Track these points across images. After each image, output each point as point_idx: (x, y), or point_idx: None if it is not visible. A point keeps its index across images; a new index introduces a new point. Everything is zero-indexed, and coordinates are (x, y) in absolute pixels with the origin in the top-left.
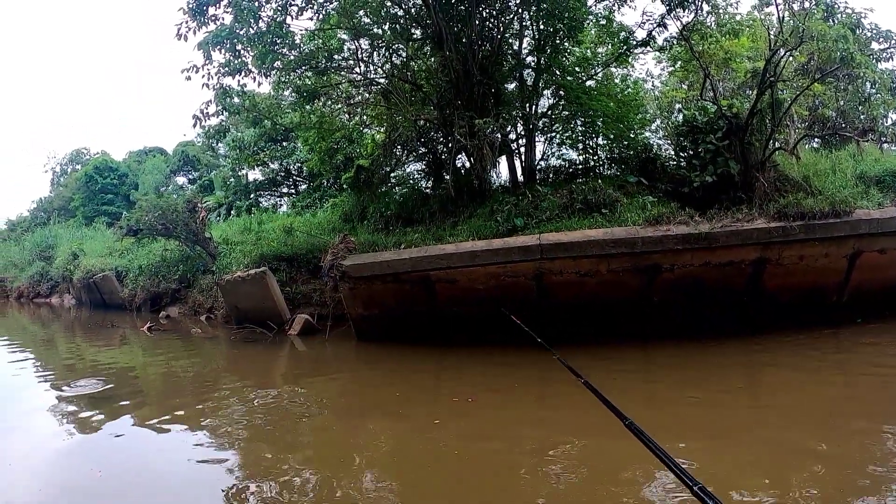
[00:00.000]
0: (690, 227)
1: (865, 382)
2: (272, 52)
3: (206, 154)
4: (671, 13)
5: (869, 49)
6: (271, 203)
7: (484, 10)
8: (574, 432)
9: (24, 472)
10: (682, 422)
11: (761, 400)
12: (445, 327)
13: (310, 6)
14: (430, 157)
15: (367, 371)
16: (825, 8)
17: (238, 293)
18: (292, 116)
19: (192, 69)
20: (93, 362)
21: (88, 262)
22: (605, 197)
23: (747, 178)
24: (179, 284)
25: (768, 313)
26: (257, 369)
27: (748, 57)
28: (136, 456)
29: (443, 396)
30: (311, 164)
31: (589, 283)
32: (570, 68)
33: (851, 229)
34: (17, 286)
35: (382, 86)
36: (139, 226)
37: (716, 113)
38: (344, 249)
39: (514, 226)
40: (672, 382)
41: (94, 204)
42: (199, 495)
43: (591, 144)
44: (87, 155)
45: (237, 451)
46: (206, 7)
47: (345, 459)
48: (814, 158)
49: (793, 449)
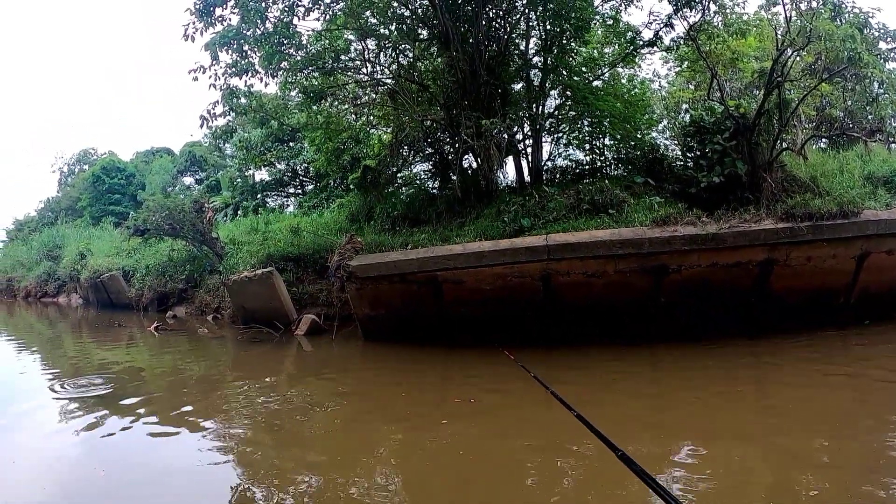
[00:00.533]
0: (698, 227)
1: (873, 385)
2: (279, 53)
3: (213, 154)
4: (678, 13)
5: (877, 49)
6: (278, 203)
7: (490, 10)
8: (581, 433)
9: (27, 471)
10: (689, 423)
11: (768, 402)
12: (452, 328)
13: (316, 7)
14: (437, 157)
15: (373, 371)
16: (832, 8)
17: (245, 293)
18: (299, 117)
19: (199, 70)
20: (100, 361)
21: (96, 261)
22: (612, 197)
23: (755, 179)
24: (186, 284)
25: (775, 315)
26: (264, 369)
27: (755, 57)
28: (140, 455)
29: (449, 397)
30: (317, 164)
31: (596, 283)
32: (576, 68)
33: (859, 230)
34: (24, 285)
35: (389, 86)
36: (146, 226)
37: (723, 113)
38: (351, 250)
39: (520, 226)
40: (679, 384)
41: (102, 204)
42: (204, 495)
43: (597, 145)
44: (95, 155)
45: (243, 451)
46: (213, 8)
47: (351, 460)
48: (821, 159)
49: (799, 452)
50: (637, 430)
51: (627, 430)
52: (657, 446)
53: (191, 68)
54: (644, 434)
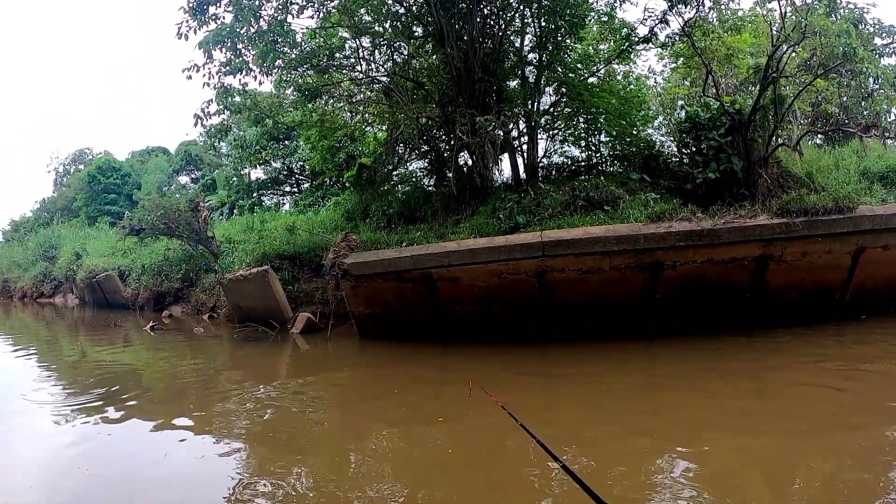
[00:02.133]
0: (693, 223)
1: (870, 381)
2: (273, 51)
3: (209, 153)
4: (673, 9)
5: (872, 44)
6: (274, 202)
7: (485, 7)
8: (578, 433)
9: (20, 473)
10: (684, 420)
11: (765, 400)
12: (448, 325)
13: (310, 4)
14: (433, 155)
15: (369, 369)
16: (827, 3)
17: (240, 292)
18: (294, 115)
19: (192, 68)
20: (96, 361)
21: (91, 261)
22: (608, 194)
23: (750, 175)
24: (182, 283)
25: (772, 310)
26: (259, 368)
27: (750, 53)
28: (135, 455)
29: (445, 395)
30: (313, 162)
31: (591, 280)
32: (571, 65)
33: (854, 225)
34: (20, 286)
35: (384, 84)
36: (142, 225)
37: (718, 109)
38: (346, 248)
39: (516, 223)
40: (676, 382)
41: (97, 204)
42: (199, 495)
43: (593, 142)
44: (90, 155)
45: (238, 450)
46: (207, 6)
47: (346, 458)
48: (817, 155)
49: (797, 450)
50: (632, 428)
51: (626, 430)
52: (653, 443)
53: (184, 67)
54: (640, 432)
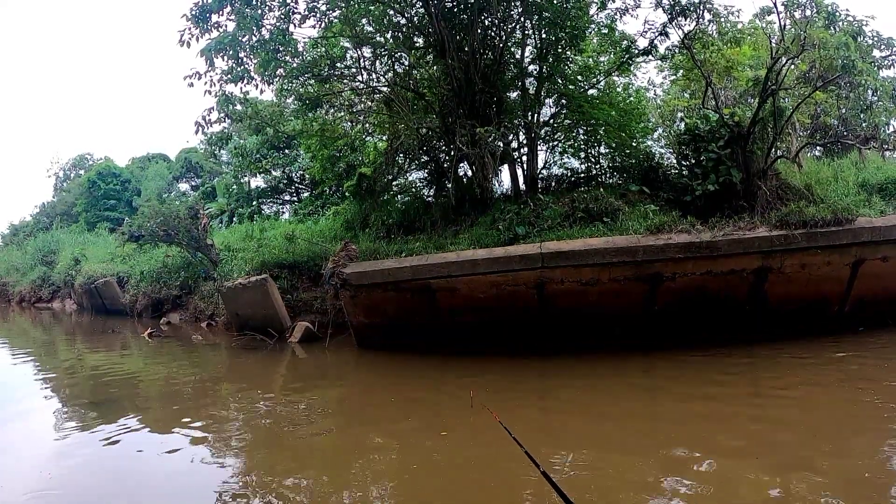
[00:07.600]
0: (692, 235)
1: (869, 393)
2: (275, 60)
3: (209, 161)
4: (673, 22)
5: (870, 57)
6: (273, 210)
7: (486, 18)
8: (577, 443)
9: (16, 479)
10: (687, 436)
11: (765, 412)
12: (446, 336)
13: (313, 14)
14: (433, 165)
15: (367, 379)
16: (826, 16)
17: (239, 300)
18: (295, 124)
19: (194, 76)
20: (93, 367)
21: (90, 267)
22: (607, 206)
23: (749, 187)
24: (181, 291)
25: (771, 322)
26: (257, 376)
27: (750, 65)
28: (132, 461)
29: (443, 405)
30: (313, 171)
31: (590, 292)
32: (572, 77)
33: (853, 237)
34: (18, 290)
35: (385, 94)
36: (141, 232)
37: (718, 121)
38: (345, 257)
39: (515, 234)
40: (675, 395)
41: (97, 209)
42: (195, 503)
43: (592, 153)
44: (91, 160)
45: (235, 458)
46: (209, 14)
47: (344, 468)
48: (816, 166)
49: (796, 463)
50: (631, 439)
51: (627, 437)
52: (650, 455)
53: (186, 74)
54: (638, 442)
